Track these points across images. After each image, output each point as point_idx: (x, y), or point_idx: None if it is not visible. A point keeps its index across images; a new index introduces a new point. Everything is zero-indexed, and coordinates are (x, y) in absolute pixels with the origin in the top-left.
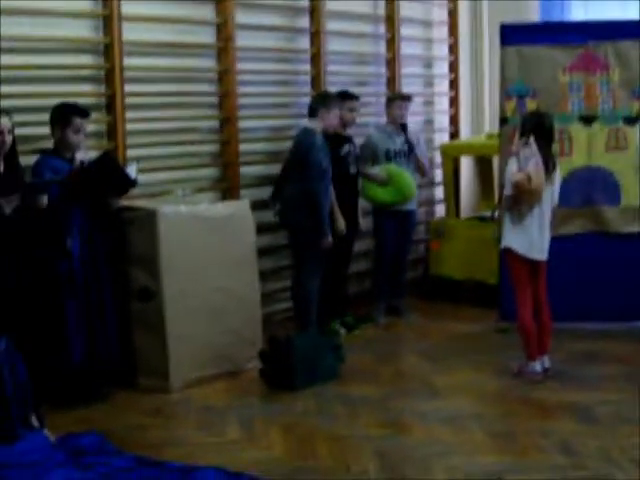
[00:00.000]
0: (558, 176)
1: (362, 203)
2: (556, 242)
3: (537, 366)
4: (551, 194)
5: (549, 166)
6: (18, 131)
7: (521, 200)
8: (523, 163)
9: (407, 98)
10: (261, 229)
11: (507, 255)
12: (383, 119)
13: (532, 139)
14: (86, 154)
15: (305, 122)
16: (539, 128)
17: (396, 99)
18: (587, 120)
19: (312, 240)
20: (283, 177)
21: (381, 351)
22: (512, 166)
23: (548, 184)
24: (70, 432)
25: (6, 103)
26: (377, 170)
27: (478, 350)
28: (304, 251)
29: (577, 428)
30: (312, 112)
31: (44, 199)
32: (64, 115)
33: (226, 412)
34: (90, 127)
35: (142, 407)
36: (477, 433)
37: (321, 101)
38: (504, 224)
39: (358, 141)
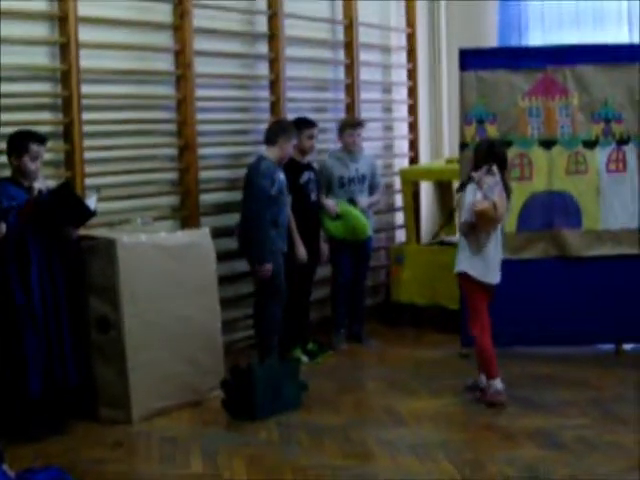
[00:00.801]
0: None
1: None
2: (517, 266)
3: (498, 385)
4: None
5: (508, 193)
6: None
7: (480, 227)
8: (488, 191)
9: (358, 125)
10: (221, 257)
11: (463, 280)
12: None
13: (495, 167)
14: (44, 183)
15: (262, 149)
16: (496, 157)
17: (347, 127)
18: (547, 144)
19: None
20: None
21: (344, 379)
22: (472, 194)
23: (507, 210)
24: (29, 467)
25: None
26: (331, 203)
27: (441, 376)
28: (259, 278)
29: (543, 454)
30: (270, 140)
31: (2, 227)
32: (21, 143)
33: (189, 444)
34: (48, 155)
35: (103, 439)
36: (443, 462)
37: (281, 130)
38: (459, 249)
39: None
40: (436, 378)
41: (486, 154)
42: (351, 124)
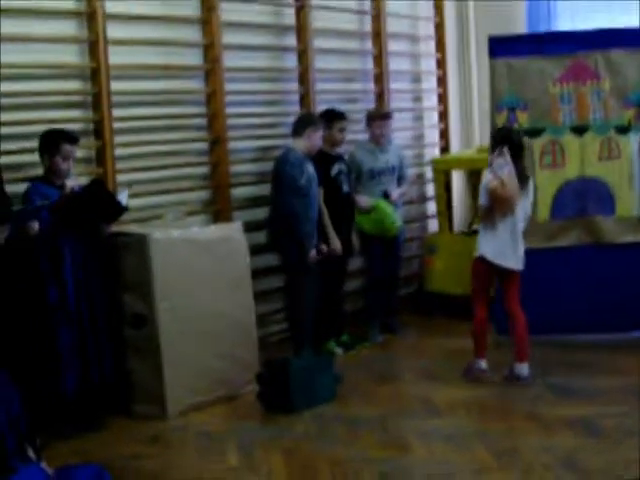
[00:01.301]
0: (531, 189)
1: None
2: (551, 253)
3: (483, 363)
4: (524, 206)
5: (522, 179)
6: (7, 159)
7: (495, 208)
8: (497, 169)
9: (386, 116)
10: (254, 250)
11: (476, 261)
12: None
13: (506, 149)
14: (76, 180)
15: (290, 142)
16: (508, 143)
17: (375, 118)
18: (579, 131)
19: (297, 259)
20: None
21: (378, 370)
22: (487, 176)
23: (522, 196)
24: (67, 463)
25: None
26: (364, 200)
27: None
28: (292, 271)
29: (581, 443)
30: (297, 132)
31: (35, 225)
32: (52, 142)
33: (225, 438)
34: (79, 153)
35: (139, 435)
36: (480, 451)
37: (308, 121)
38: (480, 234)
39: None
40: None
41: (500, 139)
42: (379, 115)
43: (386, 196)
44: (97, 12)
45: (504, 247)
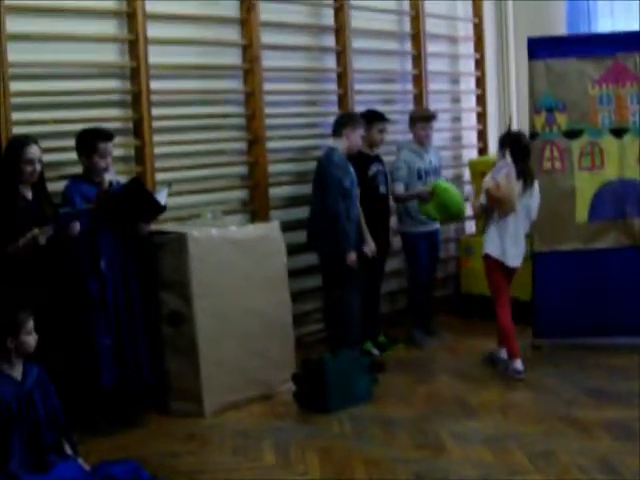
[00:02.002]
0: (537, 190)
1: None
2: (589, 255)
3: (518, 364)
4: (528, 207)
5: (526, 179)
6: (49, 157)
7: (493, 207)
8: (495, 173)
9: (432, 118)
10: (291, 250)
11: (486, 261)
12: (410, 136)
13: (507, 152)
14: (114, 175)
15: (330, 142)
16: (516, 145)
17: (420, 119)
18: (618, 133)
19: (339, 260)
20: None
21: (415, 371)
22: (487, 177)
23: (525, 196)
24: (104, 460)
25: (34, 130)
26: (421, 187)
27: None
28: (334, 272)
29: (617, 446)
30: (337, 131)
31: (76, 227)
32: (89, 142)
33: (261, 436)
34: (118, 151)
35: (176, 432)
36: (516, 453)
37: (347, 121)
38: (485, 233)
39: (386, 159)
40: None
41: (506, 142)
42: (424, 117)
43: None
44: (137, 12)
45: (507, 245)
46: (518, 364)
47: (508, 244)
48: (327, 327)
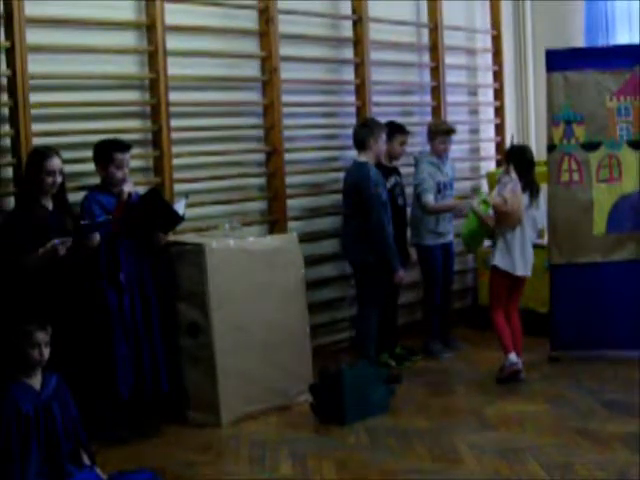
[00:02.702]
0: (543, 202)
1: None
2: (607, 268)
3: (512, 357)
4: (533, 218)
5: (532, 192)
6: (69, 168)
7: (500, 221)
8: (500, 188)
9: (451, 132)
10: (309, 261)
11: (493, 272)
12: (427, 148)
13: (511, 167)
14: (132, 186)
15: (355, 155)
16: (519, 159)
17: (440, 133)
18: (636, 145)
19: (376, 275)
20: (344, 213)
21: (432, 383)
22: (495, 191)
23: (532, 208)
24: (121, 469)
25: (54, 141)
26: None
27: (530, 379)
28: (368, 286)
29: (634, 459)
30: (361, 144)
31: (96, 238)
32: (105, 153)
33: (278, 447)
34: (137, 162)
35: (193, 442)
36: (533, 465)
37: (369, 131)
38: (495, 245)
39: (404, 171)
40: (525, 381)
41: (510, 156)
42: (445, 131)
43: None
44: (157, 24)
45: (515, 256)
46: (512, 356)
47: (516, 255)
48: (358, 339)
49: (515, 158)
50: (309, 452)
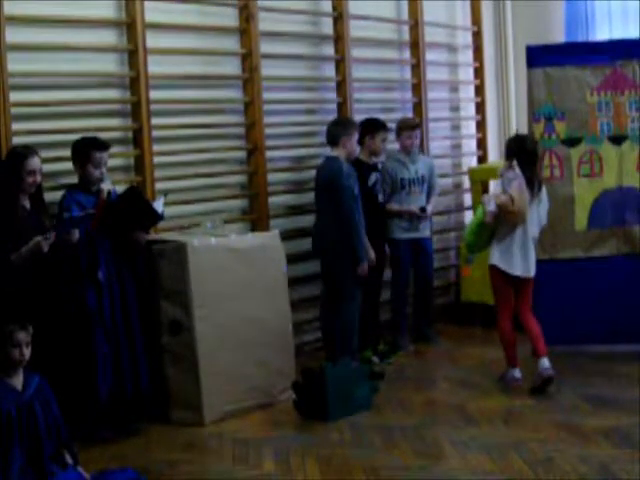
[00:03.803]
0: (545, 196)
1: None
2: (588, 263)
3: (516, 372)
4: (537, 214)
5: (534, 186)
6: (47, 167)
7: (504, 220)
8: (506, 185)
9: (416, 126)
10: (291, 259)
11: (491, 271)
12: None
13: (515, 162)
14: (111, 185)
15: (328, 151)
16: (521, 151)
17: (404, 129)
18: (617, 140)
19: (349, 267)
20: (316, 210)
21: (415, 379)
22: (496, 188)
23: (534, 203)
24: (104, 469)
25: (33, 140)
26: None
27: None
28: (343, 279)
29: (617, 453)
30: (333, 140)
31: (76, 233)
32: (83, 151)
33: (261, 445)
34: (118, 161)
35: (176, 441)
36: (516, 461)
37: (343, 129)
38: (492, 244)
39: None
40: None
41: (513, 149)
42: (409, 126)
43: (422, 210)
44: (136, 22)
45: (513, 255)
46: (516, 372)
47: (516, 254)
48: (325, 336)
49: (515, 150)
50: (292, 449)
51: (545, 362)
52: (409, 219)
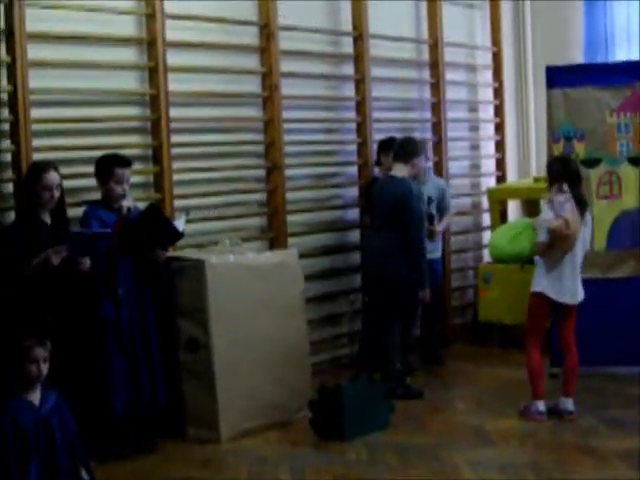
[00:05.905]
0: (589, 218)
1: None
2: (607, 284)
3: (540, 406)
4: (582, 237)
5: (582, 207)
6: (67, 183)
7: (556, 246)
8: (558, 209)
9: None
10: (309, 277)
11: (534, 299)
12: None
13: (565, 185)
14: (132, 202)
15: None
16: (567, 172)
17: None
18: (636, 161)
19: (409, 289)
20: (374, 227)
21: (431, 399)
22: (547, 213)
23: (581, 226)
24: None
25: (55, 156)
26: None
27: (529, 396)
28: (399, 299)
29: (634, 475)
30: (405, 158)
31: (86, 262)
32: (106, 168)
33: (277, 463)
34: (137, 178)
35: (192, 458)
36: None
37: (415, 148)
38: (537, 269)
39: None
40: (525, 398)
41: (558, 172)
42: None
43: (430, 223)
44: (157, 39)
45: (563, 282)
46: (541, 405)
47: (566, 281)
48: (362, 351)
49: (561, 172)
50: (308, 468)
51: (569, 405)
52: None
